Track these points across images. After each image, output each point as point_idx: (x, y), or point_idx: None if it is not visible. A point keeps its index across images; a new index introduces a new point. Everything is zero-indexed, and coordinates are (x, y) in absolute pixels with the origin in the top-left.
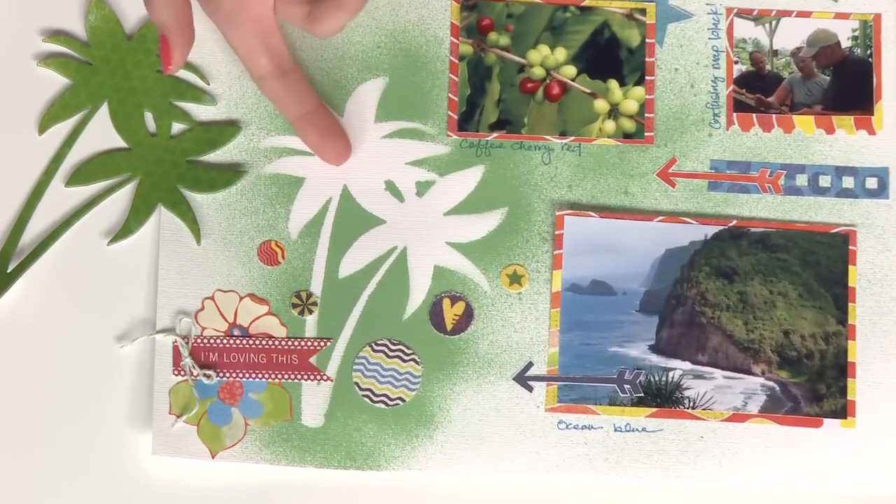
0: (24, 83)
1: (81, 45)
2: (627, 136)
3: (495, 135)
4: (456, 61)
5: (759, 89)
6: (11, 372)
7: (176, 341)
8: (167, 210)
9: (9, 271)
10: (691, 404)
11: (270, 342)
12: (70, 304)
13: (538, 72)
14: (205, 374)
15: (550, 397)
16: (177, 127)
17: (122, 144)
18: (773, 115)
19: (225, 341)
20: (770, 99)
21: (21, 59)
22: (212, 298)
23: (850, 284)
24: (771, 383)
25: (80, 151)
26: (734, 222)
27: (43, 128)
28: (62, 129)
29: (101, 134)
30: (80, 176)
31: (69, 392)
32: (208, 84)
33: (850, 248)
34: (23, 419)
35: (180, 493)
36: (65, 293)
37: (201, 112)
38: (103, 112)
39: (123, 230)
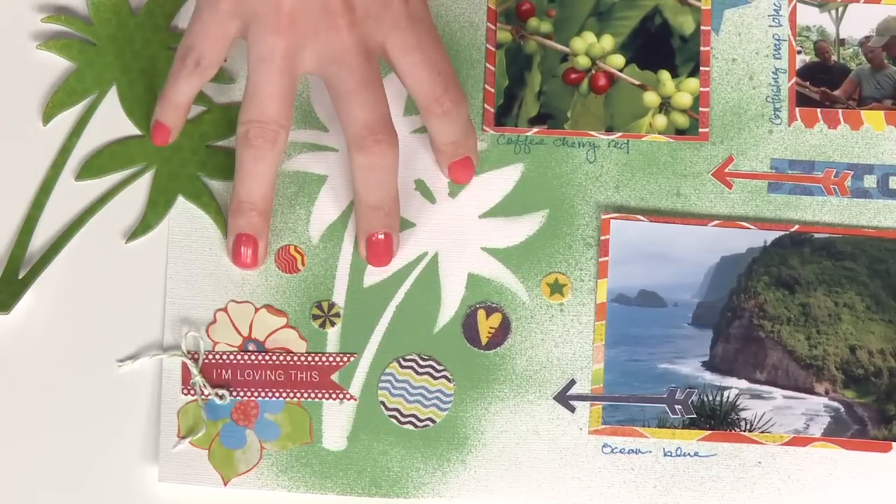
0: (23, 68)
1: (84, 24)
2: (680, 132)
3: (535, 130)
4: (493, 49)
5: (824, 82)
6: (21, 387)
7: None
8: (188, 201)
9: (20, 277)
10: (748, 427)
11: (289, 358)
12: (86, 311)
13: (583, 61)
14: (217, 394)
15: (594, 418)
16: (194, 109)
17: (135, 131)
18: (840, 111)
19: (239, 357)
20: (836, 93)
21: (19, 41)
22: (225, 310)
23: None
24: (835, 404)
25: (90, 141)
26: (796, 227)
27: (47, 117)
28: (68, 117)
29: (112, 121)
30: (91, 168)
31: (78, 411)
32: (224, 61)
33: None
34: (31, 439)
35: None
36: (80, 298)
37: (219, 92)
38: (112, 96)
39: (142, 226)
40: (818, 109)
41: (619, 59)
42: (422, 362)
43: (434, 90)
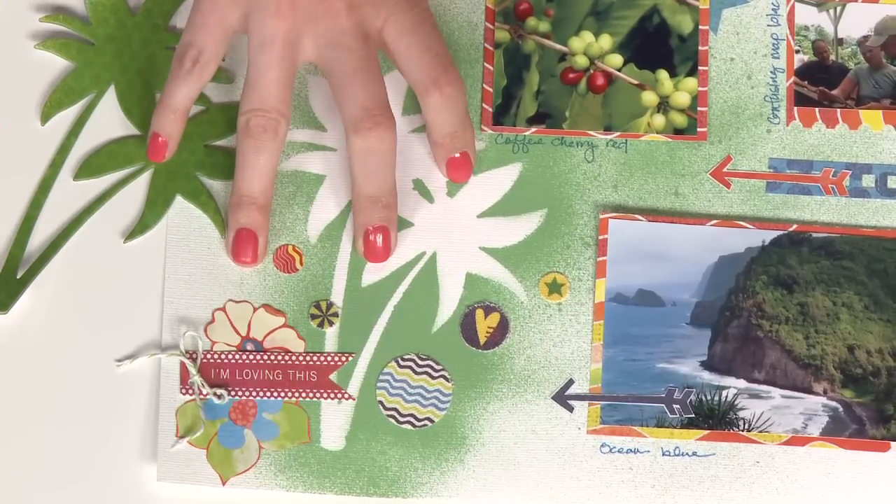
0: (21, 68)
1: (82, 24)
2: (678, 131)
3: (534, 129)
4: (491, 49)
5: (822, 81)
6: (19, 387)
7: (183, 357)
8: (186, 200)
9: (18, 277)
10: (746, 426)
11: (287, 357)
12: (84, 311)
13: (581, 61)
14: (215, 393)
15: (593, 418)
16: (192, 109)
17: (133, 131)
18: (838, 110)
19: (237, 357)
20: (834, 92)
21: (17, 41)
22: (223, 310)
23: None
24: (834, 403)
25: (88, 141)
26: (794, 227)
27: (46, 116)
28: (66, 116)
29: (110, 120)
30: (89, 168)
31: (76, 410)
32: (223, 60)
33: None
34: (29, 438)
35: None
36: (78, 298)
37: (217, 91)
38: (110, 96)
39: (140, 225)
40: (816, 109)
41: (617, 59)
42: (420, 362)
43: (432, 72)
